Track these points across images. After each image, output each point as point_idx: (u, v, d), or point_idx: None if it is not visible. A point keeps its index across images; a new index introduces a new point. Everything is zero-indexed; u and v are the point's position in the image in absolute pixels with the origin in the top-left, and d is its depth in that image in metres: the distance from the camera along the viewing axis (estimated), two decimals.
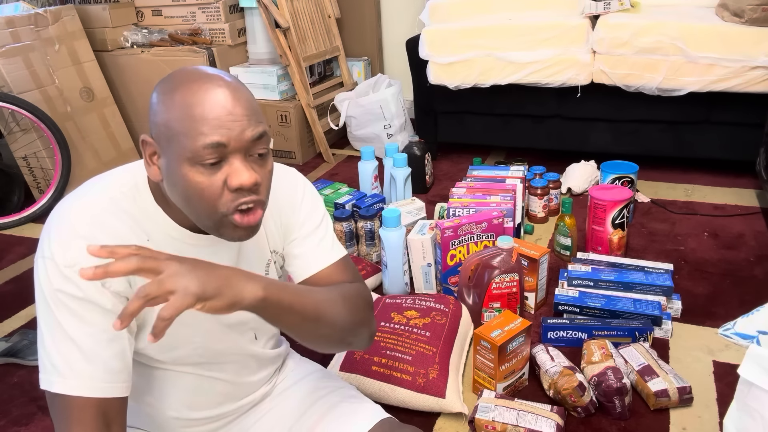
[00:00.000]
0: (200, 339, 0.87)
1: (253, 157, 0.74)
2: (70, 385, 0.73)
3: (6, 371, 1.56)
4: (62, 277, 0.73)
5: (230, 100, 0.72)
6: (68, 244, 0.74)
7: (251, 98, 0.75)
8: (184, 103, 0.71)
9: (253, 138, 0.73)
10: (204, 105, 0.71)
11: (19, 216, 2.43)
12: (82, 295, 0.73)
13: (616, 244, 1.80)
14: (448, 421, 1.30)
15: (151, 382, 0.88)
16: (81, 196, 0.78)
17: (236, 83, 0.75)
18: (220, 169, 0.72)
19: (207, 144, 0.70)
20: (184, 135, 0.71)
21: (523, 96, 2.43)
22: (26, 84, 2.49)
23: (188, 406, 0.91)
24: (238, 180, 0.72)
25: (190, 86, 0.72)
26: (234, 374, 0.94)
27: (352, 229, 1.91)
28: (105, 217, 0.76)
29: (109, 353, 0.75)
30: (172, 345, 0.85)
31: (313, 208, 0.94)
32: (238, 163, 0.72)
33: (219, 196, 0.73)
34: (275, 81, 2.85)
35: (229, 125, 0.71)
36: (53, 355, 0.74)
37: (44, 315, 0.75)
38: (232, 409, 0.96)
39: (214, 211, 0.73)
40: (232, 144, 0.71)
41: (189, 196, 0.73)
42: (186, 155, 0.71)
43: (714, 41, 2.08)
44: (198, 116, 0.70)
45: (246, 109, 0.73)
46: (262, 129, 0.74)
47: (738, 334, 1.47)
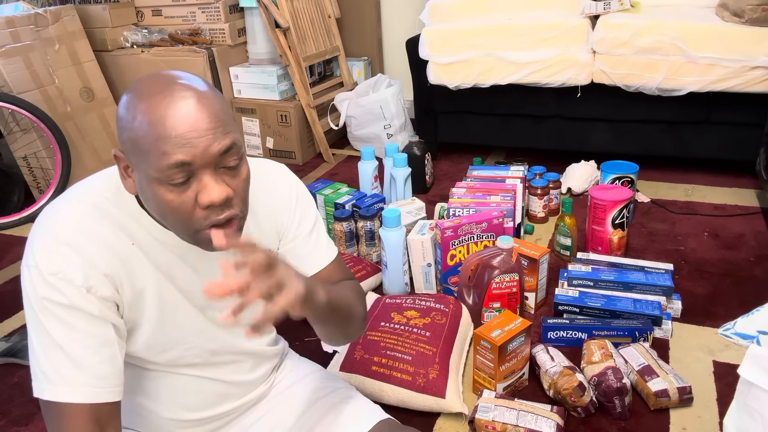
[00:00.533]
0: (194, 339, 0.87)
1: (225, 169, 0.72)
2: (61, 391, 0.73)
3: (6, 371, 1.56)
4: (47, 285, 0.73)
5: (193, 113, 0.68)
6: (52, 252, 0.73)
7: (219, 106, 0.71)
8: (147, 119, 0.68)
9: (221, 152, 0.70)
10: (165, 122, 0.67)
11: (19, 216, 2.43)
12: (67, 303, 0.73)
13: (616, 244, 1.80)
14: (448, 421, 1.30)
15: (145, 384, 0.88)
16: (63, 203, 0.78)
17: (202, 91, 0.71)
18: (189, 187, 0.70)
19: (171, 164, 0.68)
20: (149, 154, 0.68)
21: (523, 96, 2.43)
22: (26, 84, 2.49)
23: (184, 407, 0.91)
24: (207, 197, 0.70)
25: (153, 99, 0.68)
26: (230, 374, 0.93)
27: (352, 229, 1.91)
28: (88, 222, 0.76)
29: (99, 358, 0.75)
30: (165, 347, 0.85)
31: (307, 207, 0.94)
32: (207, 178, 0.70)
33: (191, 214, 0.71)
34: (275, 81, 2.85)
35: (194, 142, 0.68)
36: (43, 363, 0.74)
37: (32, 323, 0.75)
38: (229, 409, 0.96)
39: (186, 227, 0.73)
40: (197, 161, 0.69)
41: (162, 213, 0.73)
42: (154, 175, 0.69)
43: (714, 41, 2.08)
44: (160, 135, 0.67)
45: (211, 121, 0.69)
46: (230, 141, 0.70)
47: (738, 334, 1.48)
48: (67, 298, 0.73)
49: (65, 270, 0.73)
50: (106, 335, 0.76)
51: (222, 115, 0.71)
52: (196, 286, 0.84)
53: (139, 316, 0.81)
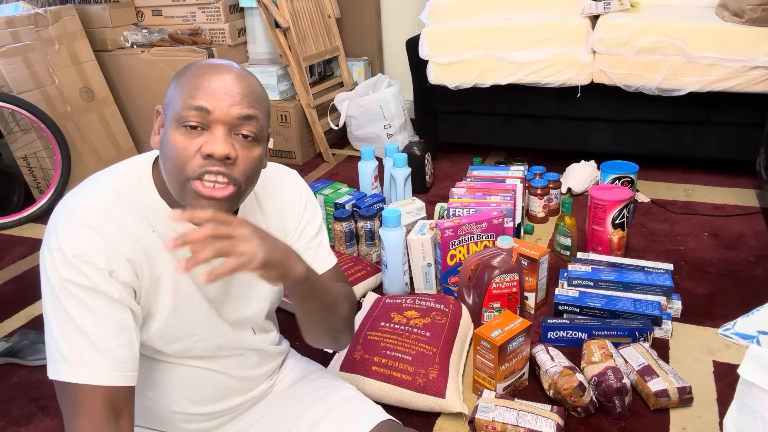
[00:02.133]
0: (203, 331, 0.88)
1: (239, 136, 0.76)
2: (79, 373, 0.74)
3: (6, 371, 1.56)
4: (70, 267, 0.74)
5: (232, 79, 0.76)
6: (75, 234, 0.74)
7: (257, 87, 0.78)
8: (192, 74, 0.76)
9: (240, 116, 0.75)
10: (206, 77, 0.75)
11: (19, 216, 2.43)
12: (90, 285, 0.74)
13: (616, 244, 1.80)
14: (448, 421, 1.30)
15: (153, 376, 0.89)
16: (86, 191, 0.80)
17: (249, 74, 0.79)
18: (200, 136, 0.74)
19: (192, 105, 0.73)
20: (179, 98, 0.75)
21: (523, 96, 2.43)
22: (26, 84, 2.49)
23: (190, 400, 0.92)
24: (210, 147, 0.73)
25: (204, 65, 0.77)
26: (236, 368, 0.94)
27: (352, 229, 1.91)
28: (112, 209, 0.77)
29: (117, 342, 0.76)
30: (176, 337, 0.86)
31: (314, 214, 0.98)
32: (218, 132, 0.74)
33: (190, 158, 0.74)
34: (275, 81, 2.85)
35: (220, 96, 0.74)
36: (61, 345, 0.74)
37: (52, 305, 0.75)
38: (233, 405, 0.97)
39: (181, 172, 0.74)
40: (216, 113, 0.74)
41: (167, 157, 0.76)
42: (175, 116, 0.75)
43: (714, 41, 2.08)
44: (196, 84, 0.75)
45: (243, 90, 0.76)
46: (252, 112, 0.76)
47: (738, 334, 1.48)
48: (90, 280, 0.74)
49: (89, 252, 0.74)
50: (125, 320, 0.77)
51: (256, 95, 0.78)
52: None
53: (154, 304, 0.82)
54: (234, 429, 0.99)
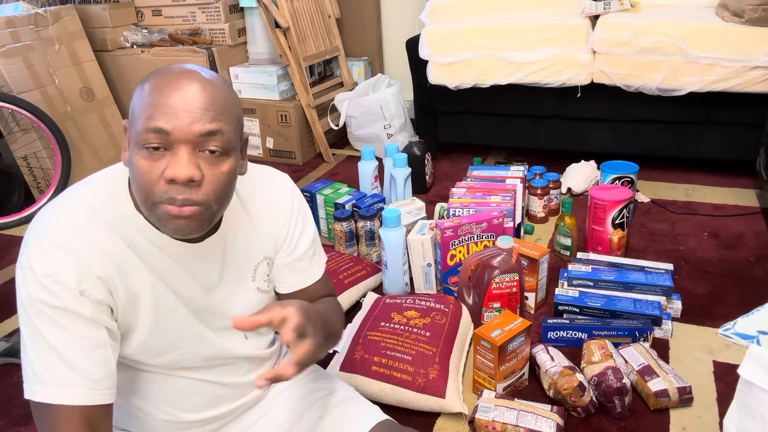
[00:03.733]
0: (188, 344, 0.86)
1: (205, 153, 0.72)
2: (53, 393, 0.73)
3: (6, 371, 1.56)
4: (41, 287, 0.72)
5: (192, 92, 0.71)
6: (46, 254, 0.73)
7: (221, 99, 0.73)
8: (151, 89, 0.72)
9: (201, 133, 0.71)
10: (164, 92, 0.71)
11: (19, 216, 2.43)
12: (60, 305, 0.73)
13: (616, 244, 1.80)
14: (448, 421, 1.30)
15: (141, 386, 0.87)
16: (59, 205, 0.78)
17: (212, 81, 0.73)
18: (163, 158, 0.71)
19: (150, 127, 0.70)
20: (140, 117, 0.71)
21: (523, 96, 2.43)
22: (26, 84, 2.49)
23: (180, 409, 0.90)
24: (171, 171, 0.70)
25: (164, 74, 0.72)
26: (225, 376, 0.93)
27: (352, 229, 1.91)
28: (83, 225, 0.76)
29: (91, 361, 0.75)
30: (160, 350, 0.84)
31: (307, 221, 0.96)
32: (181, 154, 0.71)
33: (155, 183, 0.71)
34: (275, 81, 2.85)
35: (179, 114, 0.70)
36: (35, 365, 0.73)
37: (25, 324, 0.74)
38: (225, 411, 0.95)
39: (147, 197, 0.72)
40: (176, 133, 0.70)
41: (133, 179, 0.74)
42: (136, 138, 0.72)
43: (714, 41, 2.08)
44: (154, 102, 0.70)
45: (204, 104, 0.71)
46: (215, 126, 0.72)
47: (738, 334, 1.48)
48: (60, 300, 0.73)
49: (59, 272, 0.72)
50: (99, 338, 0.76)
51: (219, 105, 0.73)
52: (191, 291, 0.84)
53: (134, 320, 0.81)
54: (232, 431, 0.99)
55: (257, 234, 0.90)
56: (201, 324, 0.87)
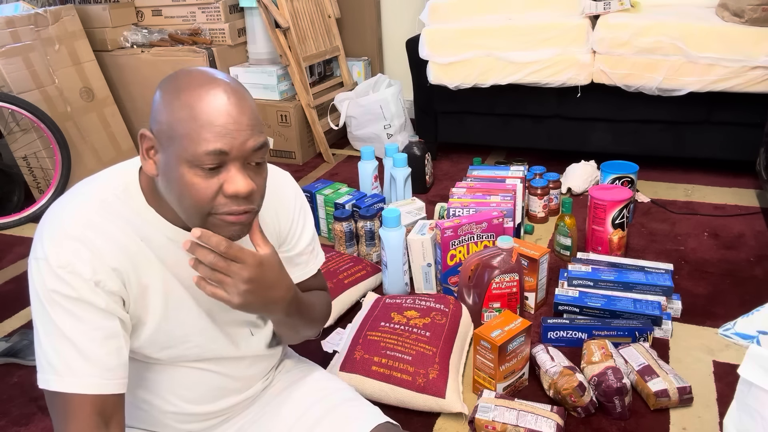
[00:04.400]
0: (195, 338, 0.88)
1: (251, 165, 0.76)
2: (67, 382, 0.74)
3: (6, 371, 1.56)
4: (56, 278, 0.74)
5: (235, 108, 0.73)
6: (61, 245, 0.74)
7: (254, 106, 0.77)
8: (190, 106, 0.72)
9: (254, 148, 0.74)
10: (209, 111, 0.71)
11: (19, 216, 2.43)
12: (75, 295, 0.74)
13: (616, 244, 1.80)
14: (448, 421, 1.30)
15: (147, 377, 0.89)
16: (72, 199, 0.79)
17: (240, 90, 0.76)
18: (217, 174, 0.73)
19: (210, 151, 0.71)
20: (187, 138, 0.71)
21: (523, 96, 2.43)
22: (26, 84, 2.49)
23: (184, 400, 0.92)
24: (234, 188, 0.73)
25: (196, 90, 0.72)
26: (229, 368, 0.94)
27: (352, 229, 1.91)
28: (97, 219, 0.77)
29: (105, 350, 0.76)
30: (166, 343, 0.85)
31: (308, 217, 1.00)
32: (235, 170, 0.74)
33: (212, 199, 0.74)
34: (275, 81, 2.85)
35: (233, 134, 0.72)
36: (49, 354, 0.74)
37: (39, 315, 0.75)
38: (228, 405, 0.96)
39: (202, 210, 0.75)
40: (233, 153, 0.73)
41: (182, 195, 0.74)
42: (186, 157, 0.72)
43: (714, 41, 2.08)
44: (203, 122, 0.71)
45: (250, 118, 0.74)
46: (263, 139, 0.76)
47: (738, 334, 1.48)
48: (75, 290, 0.74)
49: (74, 263, 0.74)
50: (113, 328, 0.77)
51: (256, 116, 0.77)
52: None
53: (143, 312, 0.82)
54: (232, 430, 0.99)
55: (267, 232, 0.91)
56: (208, 318, 0.88)
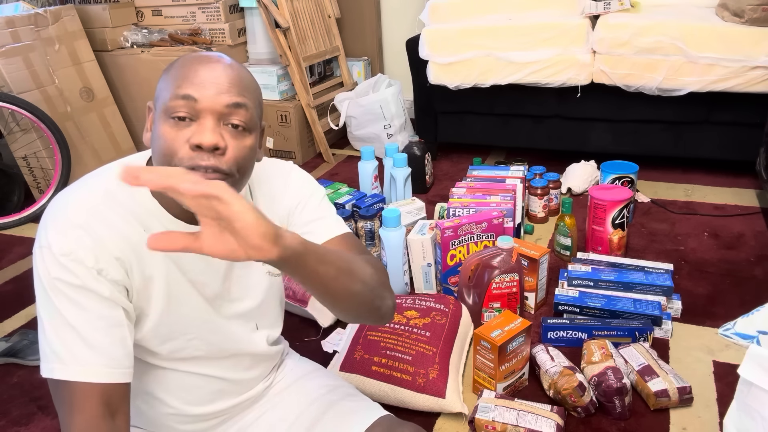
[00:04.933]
0: (198, 330, 0.87)
1: (228, 126, 0.75)
2: (72, 371, 0.73)
3: (6, 371, 1.56)
4: (59, 266, 0.73)
5: (220, 68, 0.75)
6: (64, 233, 0.74)
7: (246, 77, 0.78)
8: (180, 65, 0.76)
9: (228, 104, 0.74)
10: (193, 68, 0.75)
11: (19, 216, 2.43)
12: (79, 283, 0.74)
13: (616, 244, 1.80)
14: (448, 421, 1.30)
15: (145, 380, 0.88)
16: (77, 189, 0.79)
17: (238, 65, 0.78)
18: (189, 127, 0.74)
19: (179, 94, 0.73)
20: (167, 90, 0.75)
21: (523, 96, 2.43)
22: (26, 84, 2.49)
23: (184, 402, 0.91)
24: (198, 138, 0.72)
25: (193, 56, 0.77)
26: (228, 370, 0.93)
27: (352, 229, 1.91)
28: (101, 208, 0.77)
29: (110, 339, 0.75)
30: (169, 336, 0.85)
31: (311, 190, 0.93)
32: (207, 122, 0.73)
33: (179, 150, 0.73)
34: (275, 81, 2.85)
35: (207, 85, 0.73)
36: (54, 343, 0.74)
37: (44, 303, 0.75)
38: (228, 406, 0.96)
39: (172, 163, 0.73)
40: (203, 102, 0.73)
41: (157, 149, 0.75)
42: (163, 108, 0.75)
43: (714, 41, 2.08)
44: (183, 75, 0.74)
45: (232, 79, 0.75)
46: (241, 100, 0.75)
47: (738, 334, 1.48)
48: (78, 278, 0.74)
49: (77, 251, 0.74)
50: (117, 317, 0.77)
51: (245, 83, 0.77)
52: (205, 276, 0.85)
53: (146, 304, 0.82)
54: (232, 430, 0.99)
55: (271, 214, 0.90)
56: (211, 310, 0.87)
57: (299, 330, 1.61)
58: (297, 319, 1.66)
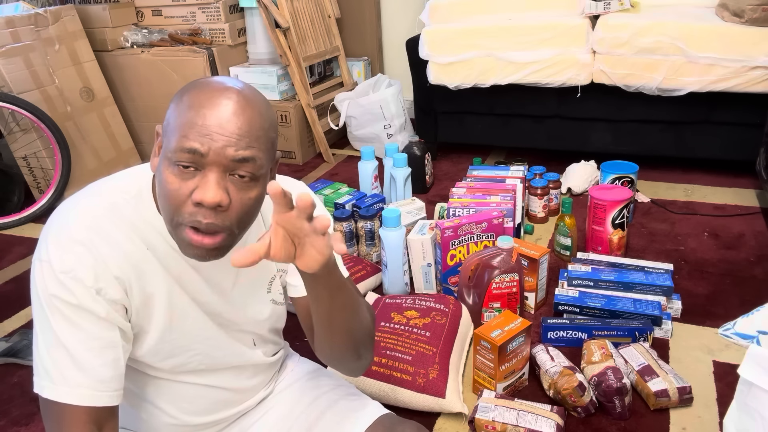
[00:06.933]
0: (200, 346, 0.87)
1: (235, 177, 0.71)
2: (61, 392, 0.73)
3: (6, 371, 1.56)
4: (58, 283, 0.73)
5: (229, 114, 0.70)
6: (65, 249, 0.73)
7: (258, 123, 0.72)
8: (189, 104, 0.70)
9: (235, 159, 0.70)
10: (201, 111, 0.69)
11: (19, 216, 2.43)
12: (76, 302, 0.73)
13: (616, 244, 1.80)
14: (448, 421, 1.30)
15: (146, 391, 0.88)
16: (82, 199, 0.78)
17: (252, 102, 0.72)
18: (193, 179, 0.70)
19: (185, 147, 0.69)
20: (173, 133, 0.70)
21: (523, 96, 2.43)
22: (26, 84, 2.49)
23: (185, 412, 0.91)
24: (200, 194, 0.69)
25: (203, 90, 0.71)
26: (230, 380, 0.93)
27: (352, 229, 1.91)
28: (103, 223, 0.76)
29: (101, 361, 0.75)
30: (171, 353, 0.85)
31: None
32: (211, 177, 0.70)
33: (182, 203, 0.70)
34: (275, 81, 2.85)
35: (214, 137, 0.69)
36: (45, 360, 0.74)
37: (39, 318, 0.75)
38: (229, 415, 0.96)
39: (172, 215, 0.72)
40: (210, 155, 0.69)
41: (160, 193, 0.73)
42: (168, 154, 0.71)
43: (714, 41, 2.08)
44: (190, 119, 0.69)
45: (241, 129, 0.70)
46: (249, 153, 0.70)
47: (738, 334, 1.48)
48: (75, 297, 0.73)
49: (77, 269, 0.73)
50: (111, 338, 0.76)
51: (256, 131, 0.71)
52: (207, 297, 0.85)
53: (147, 322, 0.81)
54: (235, 430, 0.99)
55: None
56: (215, 326, 0.87)
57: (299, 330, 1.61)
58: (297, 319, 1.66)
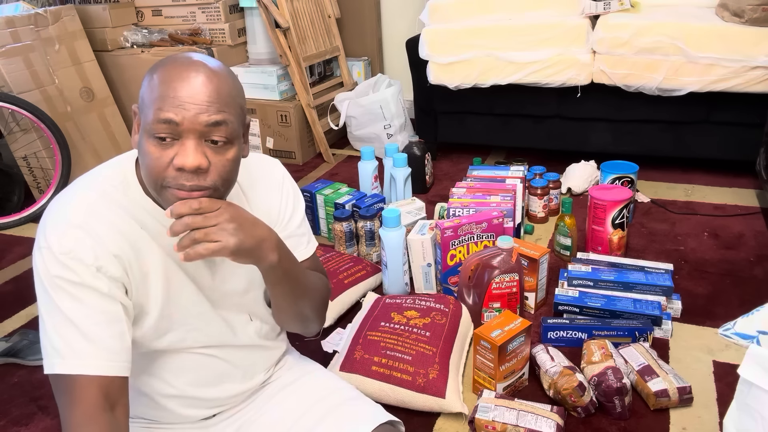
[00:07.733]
0: (195, 321, 0.89)
1: (211, 143, 0.76)
2: (71, 364, 0.75)
3: (6, 371, 1.56)
4: (59, 264, 0.76)
5: (199, 84, 0.75)
6: (64, 233, 0.77)
7: (226, 90, 0.77)
8: (160, 79, 0.75)
9: (208, 123, 0.75)
10: (172, 84, 0.74)
11: (19, 216, 2.43)
12: (78, 280, 0.76)
13: (616, 244, 1.80)
14: (448, 421, 1.30)
15: (150, 362, 0.90)
16: (74, 191, 0.82)
17: (218, 72, 0.77)
18: (172, 147, 0.75)
19: (160, 119, 0.73)
20: (149, 108, 0.75)
21: (523, 96, 2.43)
22: (26, 84, 2.49)
23: (187, 383, 0.93)
24: (180, 160, 0.74)
25: (172, 65, 0.76)
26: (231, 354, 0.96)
27: (352, 229, 1.91)
28: (98, 207, 0.80)
29: (109, 333, 0.77)
30: (168, 328, 0.87)
31: (298, 202, 1.00)
32: (189, 143, 0.75)
33: (163, 170, 0.75)
34: (275, 81, 2.85)
35: (186, 106, 0.74)
36: (54, 339, 0.76)
37: (44, 302, 0.77)
38: (230, 394, 0.97)
39: (156, 182, 0.76)
40: (185, 124, 0.74)
41: (143, 165, 0.77)
42: (146, 127, 0.76)
43: (714, 41, 2.08)
44: (163, 93, 0.74)
45: (210, 96, 0.75)
46: (221, 117, 0.75)
47: (738, 334, 1.48)
48: (78, 275, 0.76)
49: (76, 250, 0.76)
50: (116, 312, 0.79)
51: (224, 97, 0.76)
52: (200, 270, 0.88)
53: (146, 299, 0.84)
54: (232, 428, 0.99)
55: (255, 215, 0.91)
56: (208, 303, 0.90)
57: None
58: None
